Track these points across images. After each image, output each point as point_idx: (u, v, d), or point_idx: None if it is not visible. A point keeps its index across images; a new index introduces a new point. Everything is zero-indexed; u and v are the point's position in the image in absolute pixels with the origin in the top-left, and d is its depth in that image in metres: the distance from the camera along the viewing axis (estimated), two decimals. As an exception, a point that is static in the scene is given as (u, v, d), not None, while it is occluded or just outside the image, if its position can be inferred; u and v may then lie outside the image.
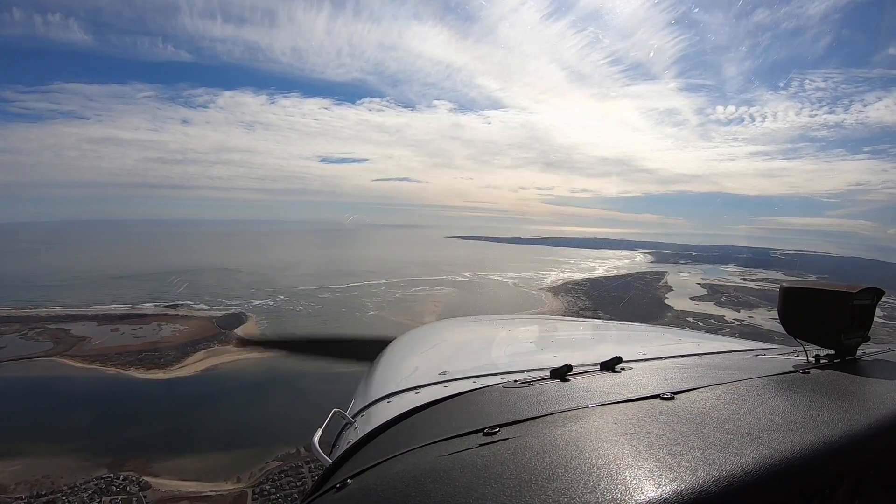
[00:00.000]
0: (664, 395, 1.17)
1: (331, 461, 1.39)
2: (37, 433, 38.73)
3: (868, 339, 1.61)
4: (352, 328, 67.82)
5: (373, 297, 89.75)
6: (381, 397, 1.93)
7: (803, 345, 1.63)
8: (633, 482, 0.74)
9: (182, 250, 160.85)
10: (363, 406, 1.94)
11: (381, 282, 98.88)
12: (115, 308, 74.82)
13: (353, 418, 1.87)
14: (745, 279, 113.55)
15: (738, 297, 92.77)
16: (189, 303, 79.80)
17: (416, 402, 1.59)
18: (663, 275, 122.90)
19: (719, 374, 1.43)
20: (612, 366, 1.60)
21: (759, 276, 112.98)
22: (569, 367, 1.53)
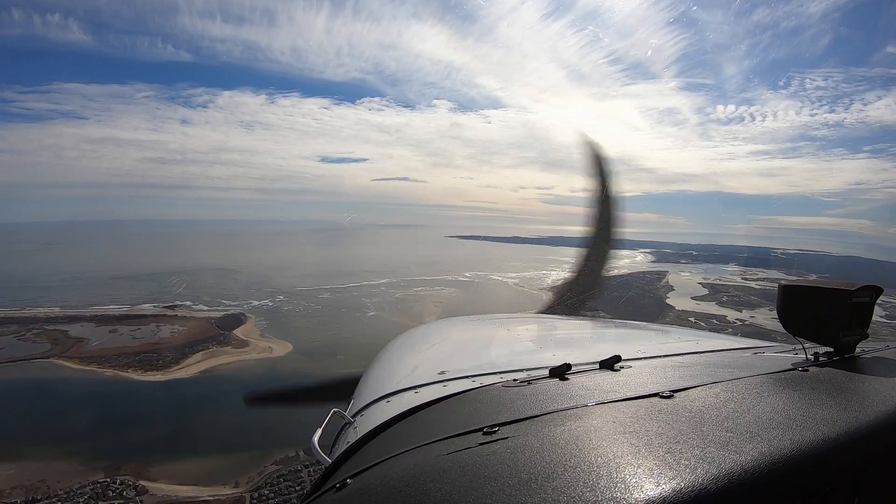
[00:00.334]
0: (663, 393, 1.18)
1: (330, 461, 1.40)
2: (33, 436, 38.42)
3: (867, 336, 1.61)
4: (352, 329, 67.44)
5: (373, 297, 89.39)
6: (380, 397, 1.93)
7: (802, 343, 1.63)
8: (633, 481, 0.74)
9: (181, 250, 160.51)
10: (362, 406, 1.94)
11: (381, 282, 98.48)
12: (114, 309, 74.39)
13: (353, 418, 1.87)
14: (746, 279, 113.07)
15: (740, 297, 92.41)
16: (188, 303, 79.38)
17: (415, 401, 1.59)
18: (664, 274, 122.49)
19: (718, 373, 1.44)
20: (611, 364, 1.60)
21: (760, 275, 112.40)
22: (568, 366, 1.54)
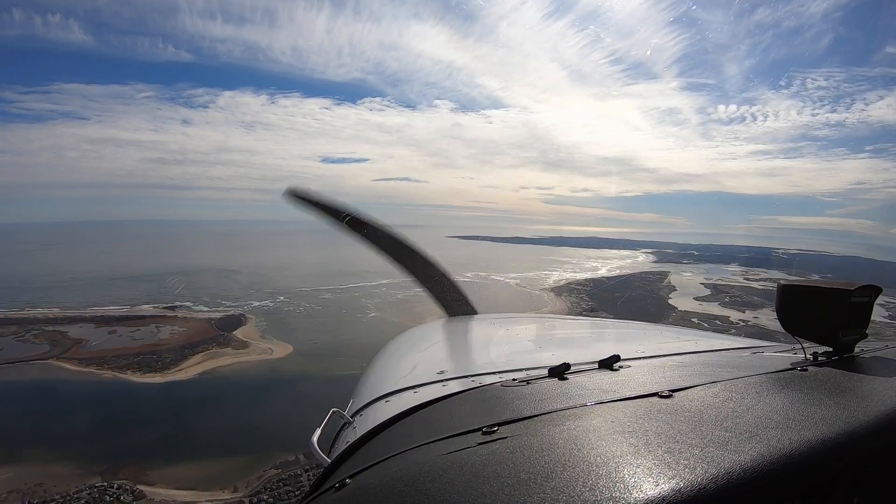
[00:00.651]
0: (662, 393, 1.18)
1: (329, 461, 1.39)
2: (31, 439, 38.01)
3: (866, 336, 1.61)
4: (353, 330, 66.99)
5: (374, 297, 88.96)
6: (379, 396, 1.92)
7: (801, 342, 1.63)
8: (632, 480, 0.74)
9: (182, 251, 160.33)
10: (362, 405, 1.92)
11: (382, 282, 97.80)
12: (114, 310, 74.13)
13: (352, 418, 1.85)
14: (748, 279, 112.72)
15: (742, 298, 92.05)
16: (188, 304, 79.08)
17: (414, 401, 1.58)
18: (666, 275, 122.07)
19: (717, 372, 1.43)
20: (610, 364, 1.59)
21: (762, 275, 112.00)
22: (567, 366, 1.53)
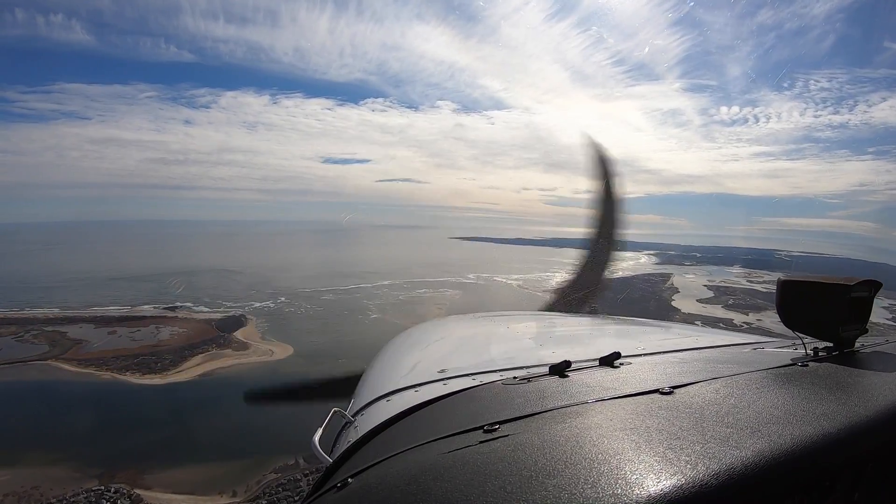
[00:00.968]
0: (663, 389, 1.18)
1: (331, 460, 1.40)
2: (28, 441, 37.58)
3: (866, 331, 1.60)
4: (354, 331, 66.43)
5: (375, 298, 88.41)
6: (380, 396, 1.92)
7: (801, 338, 1.63)
8: (634, 477, 0.74)
9: (183, 251, 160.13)
10: (363, 405, 1.92)
11: (384, 283, 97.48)
12: (114, 310, 73.68)
13: (353, 417, 1.86)
14: (751, 281, 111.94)
15: (746, 300, 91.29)
16: (188, 304, 78.55)
17: (415, 400, 1.58)
18: (669, 276, 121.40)
19: (718, 368, 1.43)
20: (610, 361, 1.59)
21: (766, 277, 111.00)
22: (567, 363, 1.53)
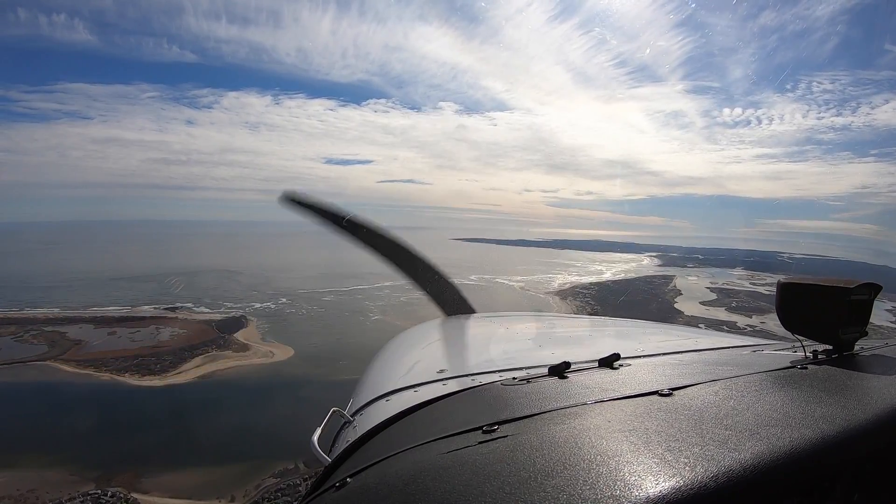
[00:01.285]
0: (662, 391, 1.18)
1: (330, 460, 1.39)
2: (26, 443, 37.21)
3: (866, 334, 1.59)
4: (355, 333, 65.94)
5: (377, 300, 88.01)
6: (379, 396, 1.92)
7: (801, 340, 1.63)
8: (632, 478, 0.74)
9: (184, 251, 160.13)
10: (362, 405, 1.92)
11: (385, 284, 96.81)
12: (114, 310, 73.46)
13: (352, 417, 1.85)
14: (754, 283, 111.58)
15: (749, 303, 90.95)
16: (189, 305, 78.33)
17: (414, 400, 1.58)
18: (671, 278, 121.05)
19: (717, 371, 1.43)
20: (610, 362, 1.59)
21: (768, 280, 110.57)
22: (567, 364, 1.53)
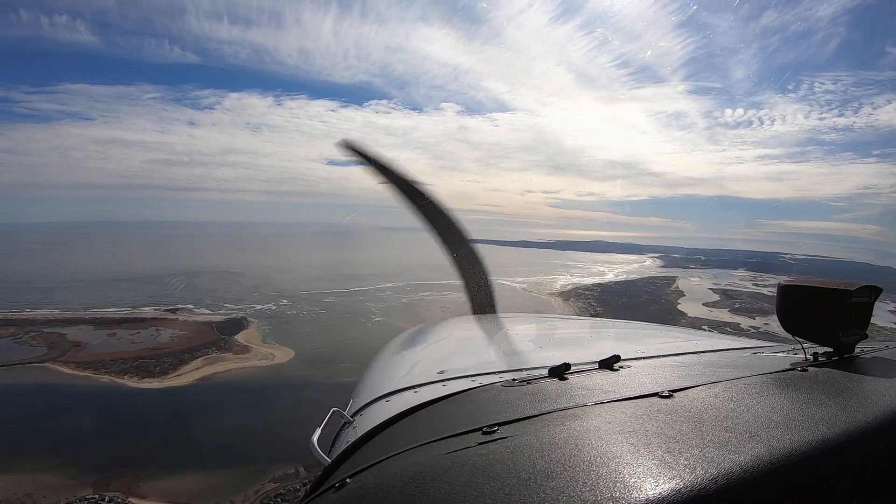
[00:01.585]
0: (662, 393, 1.18)
1: (329, 460, 1.39)
2: (22, 446, 36.74)
3: (866, 336, 1.61)
4: (356, 335, 65.36)
5: (378, 301, 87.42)
6: (379, 396, 1.91)
7: (801, 343, 1.63)
8: (632, 480, 0.74)
9: (186, 252, 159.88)
10: (362, 405, 1.92)
11: (387, 286, 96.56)
12: (114, 312, 73.05)
13: (352, 417, 1.85)
14: (756, 284, 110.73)
15: (752, 304, 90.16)
16: (189, 306, 77.88)
17: (414, 401, 1.59)
18: (674, 279, 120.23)
19: (717, 373, 1.43)
20: (610, 364, 1.60)
21: (771, 281, 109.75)
22: (567, 366, 1.53)
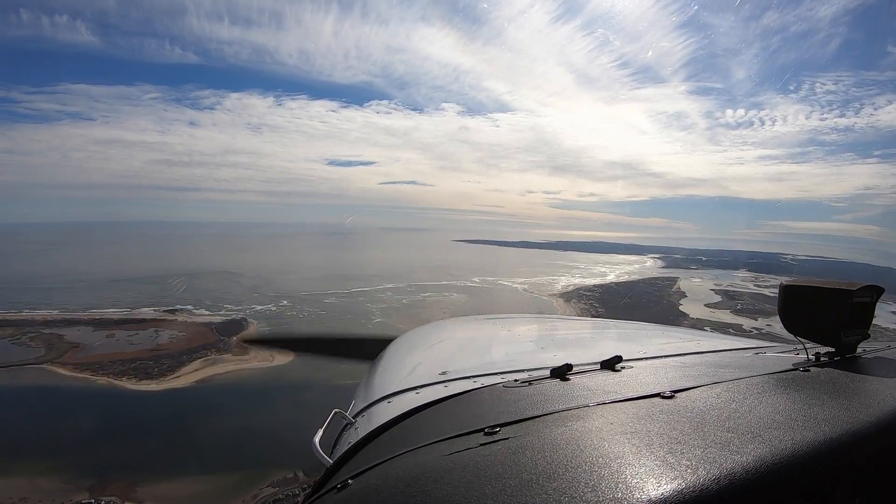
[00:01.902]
0: (664, 393, 1.18)
1: (331, 462, 1.39)
2: (18, 449, 36.24)
3: (868, 336, 1.61)
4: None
5: (379, 302, 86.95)
6: (381, 397, 1.92)
7: (803, 343, 1.63)
8: (634, 481, 0.74)
9: (186, 253, 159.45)
10: (364, 406, 1.93)
11: (388, 286, 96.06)
12: (113, 312, 72.49)
13: (354, 419, 1.86)
14: (758, 285, 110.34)
15: (755, 305, 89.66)
16: (189, 307, 77.31)
17: (416, 402, 1.59)
18: (675, 280, 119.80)
19: (719, 373, 1.43)
20: (612, 365, 1.60)
21: (772, 282, 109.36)
22: (569, 367, 1.53)
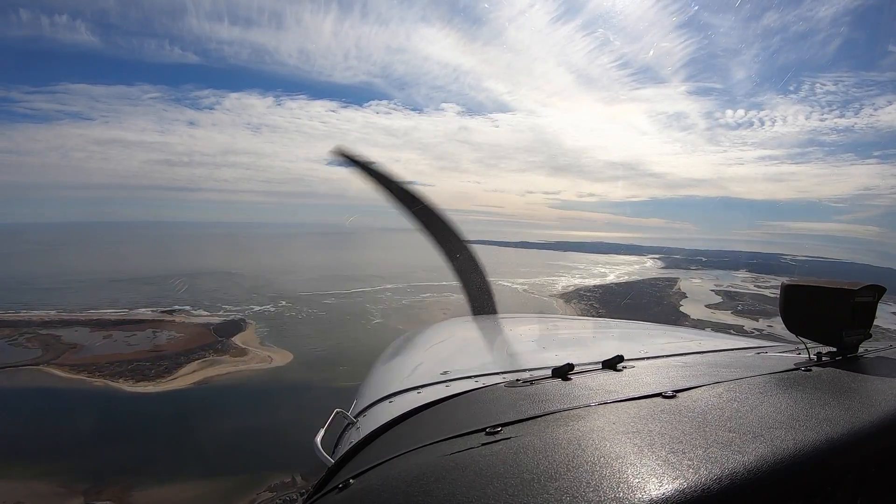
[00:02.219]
0: (666, 393, 1.18)
1: (333, 461, 1.39)
2: (13, 452, 35.80)
3: (870, 336, 1.61)
4: (356, 337, 64.47)
5: (378, 303, 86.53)
6: (382, 397, 1.92)
7: (805, 342, 1.64)
8: (636, 481, 0.74)
9: (185, 253, 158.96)
10: (365, 406, 1.93)
11: (387, 287, 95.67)
12: (111, 313, 72.09)
13: (356, 418, 1.86)
14: (758, 286, 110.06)
15: (755, 306, 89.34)
16: (187, 308, 76.91)
17: (417, 401, 1.59)
18: (675, 281, 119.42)
19: (721, 373, 1.43)
20: (613, 364, 1.60)
21: (773, 282, 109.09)
22: (570, 366, 1.52)
